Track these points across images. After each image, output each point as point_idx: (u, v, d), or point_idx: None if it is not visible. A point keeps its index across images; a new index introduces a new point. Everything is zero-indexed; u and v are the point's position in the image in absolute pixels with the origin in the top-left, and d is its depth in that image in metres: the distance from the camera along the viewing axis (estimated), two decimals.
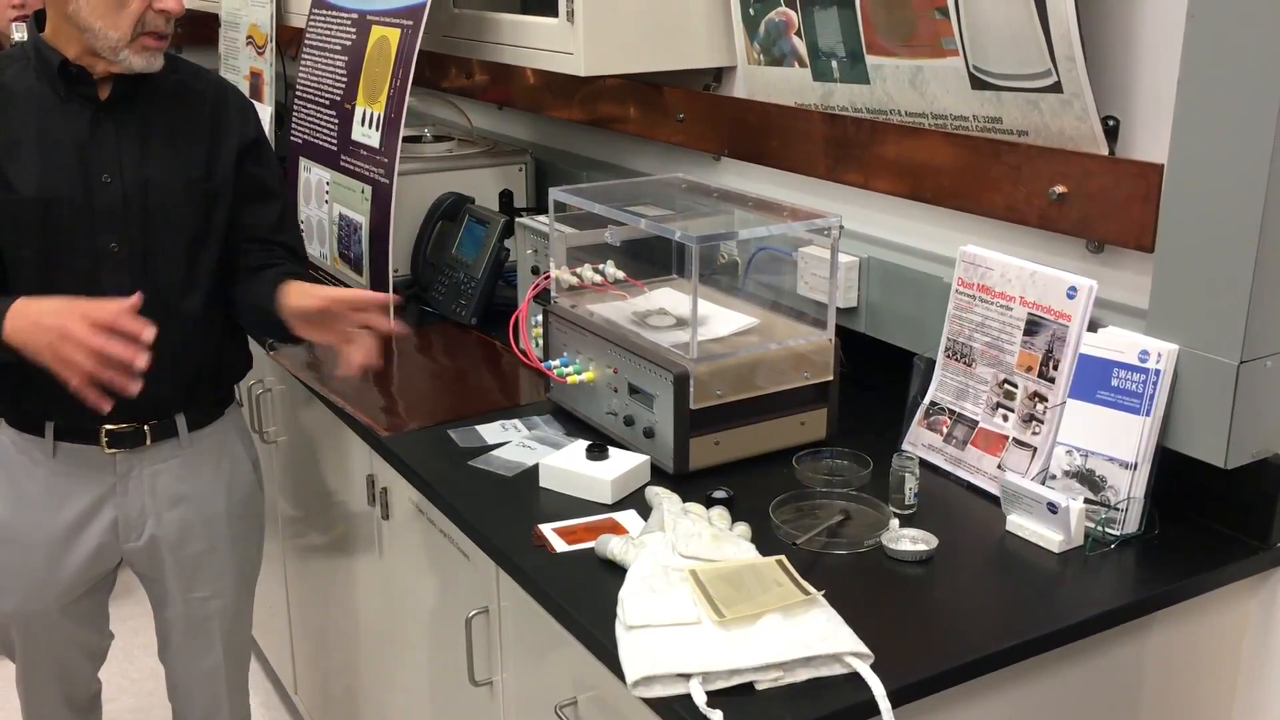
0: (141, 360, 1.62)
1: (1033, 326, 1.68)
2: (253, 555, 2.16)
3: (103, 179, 1.82)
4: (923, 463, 1.72)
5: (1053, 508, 1.53)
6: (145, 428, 1.93)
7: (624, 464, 1.72)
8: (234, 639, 2.15)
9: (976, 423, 1.74)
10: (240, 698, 2.23)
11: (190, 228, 1.89)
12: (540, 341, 2.07)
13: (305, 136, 2.81)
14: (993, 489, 1.67)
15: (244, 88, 3.37)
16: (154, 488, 1.97)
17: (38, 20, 1.85)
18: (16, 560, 1.97)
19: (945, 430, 1.78)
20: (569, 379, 1.91)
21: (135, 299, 1.65)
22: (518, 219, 2.37)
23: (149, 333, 1.62)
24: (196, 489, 2.01)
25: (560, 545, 1.56)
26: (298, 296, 1.85)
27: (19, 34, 2.87)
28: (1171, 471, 1.56)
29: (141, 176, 1.84)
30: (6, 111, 1.82)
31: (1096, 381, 1.59)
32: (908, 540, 1.55)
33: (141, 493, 1.97)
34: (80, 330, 1.61)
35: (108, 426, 1.91)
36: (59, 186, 1.80)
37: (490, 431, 1.93)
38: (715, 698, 1.25)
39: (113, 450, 1.93)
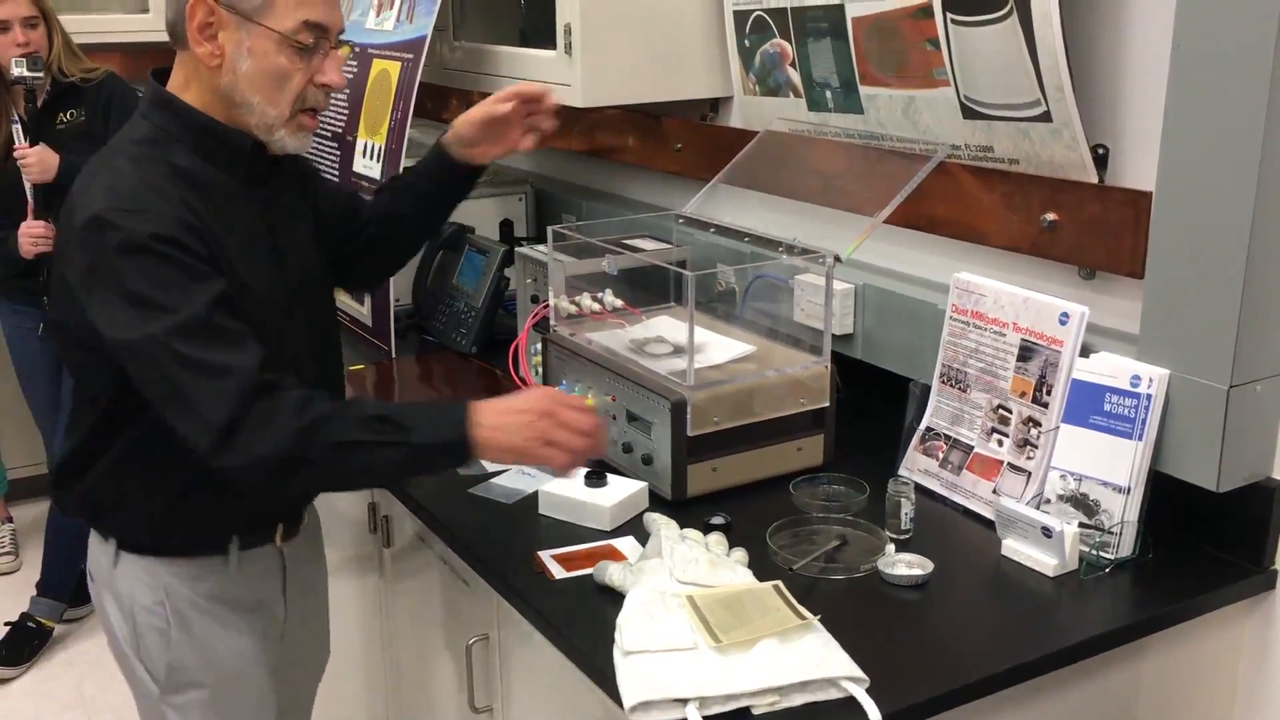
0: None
1: (1026, 352, 1.69)
2: None
3: (287, 260, 1.66)
4: (918, 488, 1.73)
5: (1047, 532, 1.55)
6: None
7: (622, 491, 1.73)
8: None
9: (971, 448, 1.76)
10: None
11: (331, 287, 1.81)
12: (540, 369, 2.08)
13: None
14: (988, 513, 1.68)
15: None
16: (297, 573, 1.82)
17: (157, 79, 1.59)
18: (241, 695, 1.74)
19: (941, 455, 1.79)
20: None
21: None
22: (517, 248, 2.39)
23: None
24: (315, 555, 1.91)
25: (559, 572, 1.58)
26: (461, 124, 1.78)
27: (18, 69, 2.88)
28: (1164, 495, 1.57)
29: (305, 251, 1.71)
30: (215, 200, 1.54)
31: (1089, 406, 1.60)
32: (904, 565, 1.56)
33: (297, 578, 1.81)
34: (565, 412, 1.50)
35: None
36: (271, 278, 1.62)
37: None
38: None
39: (282, 543, 1.75)
